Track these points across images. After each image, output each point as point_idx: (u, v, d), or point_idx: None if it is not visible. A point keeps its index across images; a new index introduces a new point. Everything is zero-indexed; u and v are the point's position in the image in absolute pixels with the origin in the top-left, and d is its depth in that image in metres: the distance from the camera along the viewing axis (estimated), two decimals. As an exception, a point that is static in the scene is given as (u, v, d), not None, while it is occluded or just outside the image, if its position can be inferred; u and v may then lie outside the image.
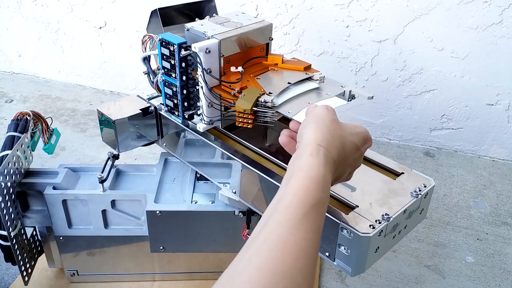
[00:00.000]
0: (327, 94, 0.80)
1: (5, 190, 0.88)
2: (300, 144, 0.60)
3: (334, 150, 0.59)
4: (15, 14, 2.04)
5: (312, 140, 0.58)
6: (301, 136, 0.61)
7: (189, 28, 0.83)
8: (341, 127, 0.63)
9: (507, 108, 1.57)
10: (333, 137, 0.60)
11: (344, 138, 0.62)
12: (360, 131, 0.65)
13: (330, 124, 0.61)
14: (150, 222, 0.91)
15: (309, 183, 0.53)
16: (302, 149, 0.58)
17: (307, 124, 0.62)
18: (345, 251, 0.67)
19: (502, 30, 1.45)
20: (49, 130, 1.02)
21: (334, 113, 0.64)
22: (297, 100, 0.77)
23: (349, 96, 0.83)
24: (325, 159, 0.56)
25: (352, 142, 0.63)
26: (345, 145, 0.61)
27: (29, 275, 0.99)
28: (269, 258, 0.46)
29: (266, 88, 0.78)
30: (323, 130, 0.60)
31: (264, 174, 0.76)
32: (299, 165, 0.56)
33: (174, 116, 0.89)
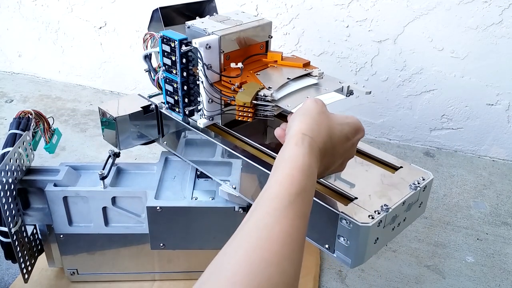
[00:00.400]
0: (325, 89, 0.81)
1: (6, 186, 0.88)
2: (287, 135, 0.61)
3: (320, 140, 0.59)
4: (15, 14, 2.04)
5: (297, 130, 0.59)
6: (289, 128, 0.62)
7: (189, 25, 0.83)
8: (329, 118, 0.63)
9: (507, 108, 1.58)
10: (319, 126, 0.60)
11: (332, 128, 0.62)
12: (351, 121, 0.66)
13: (316, 115, 0.62)
14: (150, 218, 0.91)
15: (294, 171, 0.54)
16: (287, 139, 0.59)
17: (295, 116, 0.63)
18: (345, 242, 0.67)
19: (502, 30, 1.45)
20: (51, 130, 1.03)
21: (322, 105, 0.65)
22: (297, 95, 0.78)
23: (348, 92, 0.84)
24: (310, 148, 0.57)
25: (341, 132, 0.63)
26: (333, 135, 0.62)
27: (29, 272, 0.99)
28: (256, 247, 0.47)
29: (265, 84, 0.78)
30: (309, 121, 0.61)
31: (264, 169, 0.77)
32: (284, 155, 0.57)
33: (174, 113, 0.90)
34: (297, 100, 0.76)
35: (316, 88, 0.82)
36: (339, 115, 0.66)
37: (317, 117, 0.62)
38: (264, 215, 0.50)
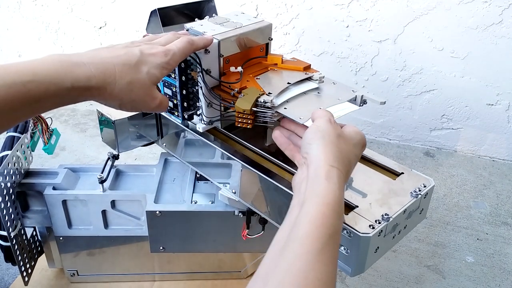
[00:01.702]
0: (338, 99, 0.78)
1: (5, 191, 0.88)
2: (309, 163, 0.58)
3: (345, 169, 0.58)
4: (15, 14, 2.04)
5: (324, 161, 0.57)
6: (307, 153, 0.59)
7: (188, 28, 0.83)
8: (346, 140, 0.61)
9: (507, 108, 1.57)
10: (341, 154, 0.59)
11: (350, 152, 0.61)
12: (360, 138, 0.65)
13: (336, 140, 0.60)
14: (150, 222, 0.91)
15: (326, 209, 0.52)
16: (314, 171, 0.56)
17: (313, 140, 0.60)
18: (345, 251, 0.67)
19: (502, 30, 1.45)
20: (49, 130, 1.02)
21: (337, 126, 0.63)
22: (308, 104, 0.75)
23: (361, 101, 0.80)
24: (339, 181, 0.55)
25: (355, 155, 0.63)
26: (351, 160, 0.61)
27: (29, 275, 0.99)
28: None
29: (265, 88, 0.77)
30: (332, 148, 0.58)
31: (263, 174, 0.76)
32: (315, 189, 0.54)
33: (173, 116, 0.89)
34: (309, 111, 0.72)
35: (328, 98, 0.78)
36: (349, 132, 0.64)
37: (337, 142, 0.60)
38: (297, 259, 0.48)
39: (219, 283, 1.10)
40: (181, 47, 0.68)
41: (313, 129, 0.62)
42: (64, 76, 0.55)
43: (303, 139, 0.62)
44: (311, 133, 0.61)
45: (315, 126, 0.62)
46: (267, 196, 0.78)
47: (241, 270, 1.10)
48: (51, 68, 0.54)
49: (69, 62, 0.56)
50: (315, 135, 0.60)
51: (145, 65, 0.63)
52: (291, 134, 0.71)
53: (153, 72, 0.64)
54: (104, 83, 0.58)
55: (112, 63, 0.60)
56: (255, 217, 0.89)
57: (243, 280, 1.11)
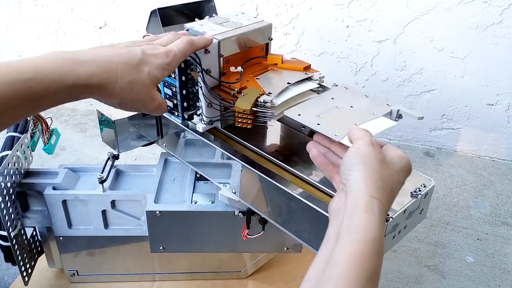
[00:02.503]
0: (373, 113, 0.73)
1: (5, 191, 0.88)
2: (348, 191, 0.55)
3: (386, 199, 0.54)
4: (15, 14, 2.04)
5: (364, 190, 0.53)
6: (347, 180, 0.56)
7: (188, 28, 0.83)
8: (388, 166, 0.57)
9: (507, 108, 1.57)
10: (384, 183, 0.55)
11: (393, 179, 0.57)
12: (404, 164, 0.59)
13: (379, 166, 0.55)
14: (150, 222, 0.91)
15: (365, 247, 0.48)
16: (353, 201, 0.53)
17: (353, 165, 0.56)
18: (345, 251, 0.67)
19: (502, 30, 1.45)
20: (49, 130, 1.02)
21: (380, 150, 0.58)
22: (342, 120, 0.71)
23: (396, 116, 0.76)
24: (380, 215, 0.51)
25: (398, 182, 0.58)
26: (393, 188, 0.57)
27: (29, 275, 0.99)
28: None
29: (265, 88, 0.78)
30: (374, 176, 0.54)
31: (264, 174, 0.76)
32: (353, 223, 0.51)
33: (173, 116, 0.89)
34: (344, 127, 0.67)
35: (363, 112, 0.74)
36: (393, 157, 0.59)
37: (379, 169, 0.55)
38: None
39: (219, 283, 1.10)
40: (181, 48, 0.68)
41: (354, 153, 0.57)
42: (65, 74, 0.54)
43: (343, 163, 0.58)
44: (351, 157, 0.57)
45: (356, 149, 0.58)
46: (267, 196, 0.78)
47: (241, 270, 1.10)
48: (52, 66, 0.54)
49: (71, 59, 0.56)
50: (355, 160, 0.56)
51: (147, 66, 0.63)
52: (328, 151, 0.68)
53: (154, 73, 0.64)
54: (106, 81, 0.58)
55: (114, 61, 0.60)
56: (255, 217, 0.89)
57: (243, 280, 1.11)
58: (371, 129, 0.66)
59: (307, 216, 0.71)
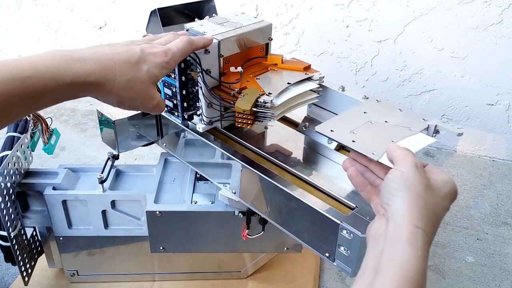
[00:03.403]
0: (410, 129, 0.70)
1: (5, 191, 0.88)
2: (390, 218, 0.51)
3: (431, 229, 0.50)
4: (15, 14, 2.04)
5: (408, 219, 0.49)
6: (389, 205, 0.52)
7: (188, 28, 0.83)
8: (434, 192, 0.53)
9: (507, 108, 1.57)
10: (429, 210, 0.51)
11: (438, 207, 0.53)
12: (450, 189, 0.55)
13: (424, 192, 0.51)
14: (150, 222, 0.91)
15: (406, 283, 0.45)
16: (395, 230, 0.49)
17: (396, 190, 0.52)
18: (345, 251, 0.67)
19: (502, 30, 1.45)
20: (49, 130, 1.02)
21: (424, 174, 0.54)
22: (379, 136, 0.68)
23: (434, 131, 0.73)
24: (424, 246, 0.48)
25: (444, 208, 0.54)
26: (438, 216, 0.53)
27: (29, 275, 1.00)
28: None
29: (265, 89, 0.78)
30: (419, 203, 0.50)
31: (263, 174, 0.76)
32: (394, 255, 0.47)
33: (173, 117, 0.89)
34: (381, 144, 0.63)
35: (400, 128, 0.70)
36: (437, 181, 0.55)
37: (424, 194, 0.51)
38: None
39: (219, 283, 1.10)
40: (180, 47, 0.68)
41: (397, 176, 0.54)
42: (64, 71, 0.54)
43: (384, 186, 0.54)
44: (394, 181, 0.53)
45: (399, 172, 0.54)
46: (267, 196, 0.78)
47: (241, 270, 1.10)
48: (51, 63, 0.54)
49: (69, 57, 0.56)
50: (398, 184, 0.53)
51: (145, 64, 0.63)
52: (366, 170, 0.64)
53: (152, 71, 0.64)
54: (104, 79, 0.58)
55: (112, 60, 0.60)
56: (255, 217, 0.89)
57: (243, 280, 1.11)
58: (410, 146, 0.62)
59: (307, 216, 0.71)
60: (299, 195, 0.72)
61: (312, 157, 0.85)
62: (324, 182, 0.76)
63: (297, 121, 0.95)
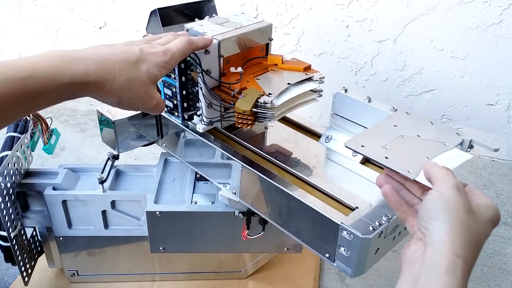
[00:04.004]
0: (444, 145, 0.67)
1: (5, 191, 0.88)
2: (428, 243, 0.49)
3: (471, 258, 0.48)
4: (15, 14, 2.04)
5: (448, 246, 0.47)
6: (427, 230, 0.50)
7: (188, 28, 0.83)
8: (475, 217, 0.50)
9: (507, 108, 1.57)
10: (470, 237, 0.48)
11: (479, 233, 0.50)
12: (493, 215, 0.53)
13: (466, 218, 0.49)
14: (150, 222, 0.91)
15: None
16: (433, 257, 0.47)
17: (437, 214, 0.50)
18: (345, 252, 0.67)
19: (502, 30, 1.45)
20: (49, 130, 1.02)
21: (466, 197, 0.51)
22: (413, 152, 0.65)
23: (468, 146, 0.70)
24: (463, 277, 0.46)
25: (485, 235, 0.51)
26: (479, 243, 0.50)
27: (29, 275, 1.00)
28: None
29: (265, 89, 0.78)
30: (460, 229, 0.48)
31: (263, 175, 0.76)
32: (431, 284, 0.46)
33: (173, 117, 0.89)
34: (416, 161, 0.61)
35: (434, 143, 0.67)
36: (479, 206, 0.52)
37: (466, 221, 0.49)
38: None
39: (219, 283, 1.10)
40: (180, 47, 0.68)
41: (437, 199, 0.51)
42: (63, 71, 0.54)
43: (423, 208, 0.52)
44: (435, 203, 0.51)
45: (439, 194, 0.51)
46: (267, 196, 0.78)
47: (241, 270, 1.10)
48: (50, 63, 0.54)
49: (68, 57, 0.56)
50: (439, 207, 0.50)
51: (145, 64, 0.63)
52: (402, 188, 0.61)
53: (152, 71, 0.64)
54: (103, 79, 0.58)
55: (111, 59, 0.60)
56: (255, 217, 0.89)
57: (243, 280, 1.11)
58: (447, 163, 0.60)
59: (307, 216, 0.71)
60: (299, 195, 0.72)
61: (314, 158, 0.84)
62: (324, 182, 0.76)
63: (314, 130, 0.92)
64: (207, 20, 0.87)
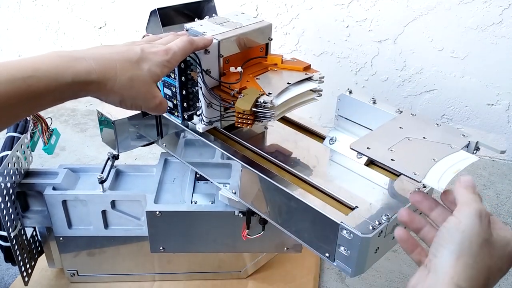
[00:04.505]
0: (450, 147, 0.66)
1: (5, 191, 0.88)
2: (431, 270, 0.47)
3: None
4: (15, 14, 2.04)
5: (449, 276, 0.45)
6: (435, 256, 0.48)
7: (188, 28, 0.83)
8: (491, 251, 0.47)
9: (507, 108, 1.57)
10: (478, 272, 0.45)
11: (492, 268, 0.47)
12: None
13: (478, 250, 0.46)
14: (150, 222, 0.91)
15: None
16: (432, 285, 0.46)
17: (448, 242, 0.47)
18: (345, 251, 0.67)
19: (502, 30, 1.45)
20: (49, 131, 1.02)
21: (488, 227, 0.48)
22: (418, 154, 0.64)
23: (474, 148, 0.70)
24: None
25: (499, 270, 0.48)
26: (490, 278, 0.47)
27: (29, 275, 1.00)
28: None
29: (265, 89, 0.78)
30: (467, 261, 0.45)
31: (263, 174, 0.76)
32: None
33: (173, 117, 0.89)
34: (423, 163, 0.60)
35: (438, 144, 0.67)
36: (499, 238, 0.48)
37: (479, 252, 0.46)
38: None
39: (219, 283, 1.10)
40: (181, 46, 0.68)
41: (453, 227, 0.48)
42: (64, 70, 0.54)
43: (437, 234, 0.49)
44: (449, 231, 0.48)
45: (457, 221, 0.48)
46: (267, 196, 0.78)
47: (241, 270, 1.10)
48: (51, 63, 0.54)
49: (69, 57, 0.56)
50: (452, 236, 0.47)
51: (146, 63, 0.63)
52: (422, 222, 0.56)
53: (154, 70, 0.64)
54: (105, 78, 0.58)
55: (113, 58, 0.60)
56: (255, 217, 0.89)
57: (243, 280, 1.11)
58: (453, 166, 0.60)
59: (307, 216, 0.71)
60: (299, 195, 0.72)
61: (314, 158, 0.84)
62: (324, 182, 0.76)
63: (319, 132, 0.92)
64: (207, 20, 0.87)
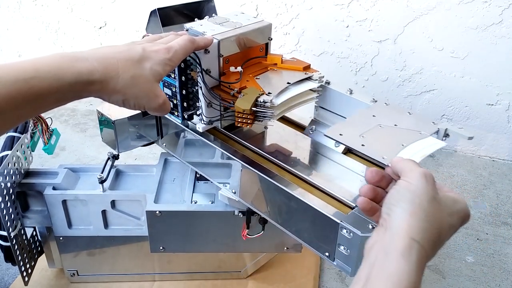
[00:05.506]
0: (420, 133, 0.69)
1: (5, 191, 0.88)
2: (387, 228, 0.49)
3: (430, 245, 0.48)
4: (15, 14, 2.04)
5: (405, 230, 0.47)
6: (388, 215, 0.50)
7: (188, 28, 0.83)
8: (440, 207, 0.50)
9: (507, 108, 1.57)
10: (430, 225, 0.48)
11: (442, 222, 0.50)
12: (460, 208, 0.53)
13: (428, 205, 0.49)
14: (150, 222, 0.91)
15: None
16: (390, 240, 0.47)
17: (399, 201, 0.50)
18: (345, 251, 0.67)
19: (502, 30, 1.45)
20: (49, 131, 1.02)
21: (434, 186, 0.51)
22: (388, 140, 0.67)
23: (444, 135, 0.72)
24: (418, 261, 0.45)
25: (450, 226, 0.51)
26: (441, 231, 0.50)
27: (29, 275, 1.00)
28: None
29: (265, 88, 0.78)
30: (420, 215, 0.48)
31: (263, 174, 0.76)
32: (386, 267, 0.45)
33: (173, 116, 0.89)
34: (392, 148, 0.63)
35: (408, 131, 0.70)
36: (447, 198, 0.52)
37: (428, 208, 0.49)
38: None
39: (219, 283, 1.10)
40: (182, 45, 0.68)
41: (403, 188, 0.51)
42: (66, 71, 0.54)
43: (388, 196, 0.52)
44: (399, 192, 0.51)
45: (406, 183, 0.51)
46: (267, 196, 0.78)
47: (241, 270, 1.10)
48: (53, 64, 0.54)
49: (71, 57, 0.56)
50: (403, 195, 0.50)
51: (148, 61, 0.63)
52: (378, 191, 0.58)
53: (156, 69, 0.64)
54: (107, 77, 0.58)
55: (115, 58, 0.60)
56: (255, 217, 0.89)
57: (243, 280, 1.11)
58: (420, 150, 0.62)
59: (307, 215, 0.71)
60: (299, 194, 0.72)
61: (314, 157, 0.85)
62: (324, 181, 0.76)
63: (301, 123, 0.95)
64: (207, 20, 0.87)
